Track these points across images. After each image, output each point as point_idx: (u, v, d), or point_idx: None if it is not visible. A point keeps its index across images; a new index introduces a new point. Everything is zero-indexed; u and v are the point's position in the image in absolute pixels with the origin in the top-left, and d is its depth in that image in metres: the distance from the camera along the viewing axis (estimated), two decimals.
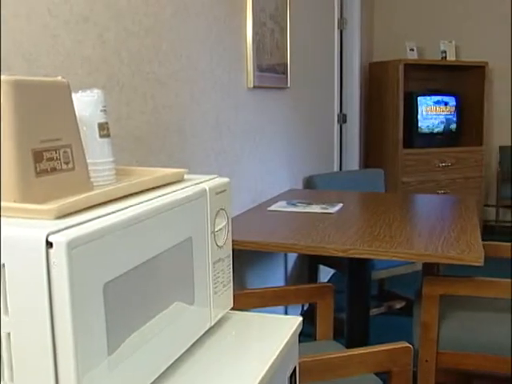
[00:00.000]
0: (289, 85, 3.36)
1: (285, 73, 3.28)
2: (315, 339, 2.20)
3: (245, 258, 2.89)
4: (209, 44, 2.41)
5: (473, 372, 2.79)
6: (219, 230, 1.13)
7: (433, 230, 2.38)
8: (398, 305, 3.94)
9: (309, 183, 3.80)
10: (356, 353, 1.64)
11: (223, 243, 1.15)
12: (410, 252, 2.07)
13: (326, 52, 4.43)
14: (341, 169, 5.20)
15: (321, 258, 3.56)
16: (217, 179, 1.15)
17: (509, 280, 2.26)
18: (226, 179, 1.16)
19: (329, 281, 4.56)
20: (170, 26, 2.10)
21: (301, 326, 1.21)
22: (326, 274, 4.53)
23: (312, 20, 3.96)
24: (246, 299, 2.11)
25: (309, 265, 3.69)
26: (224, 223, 1.15)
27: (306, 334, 2.32)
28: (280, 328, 1.17)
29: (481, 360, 2.33)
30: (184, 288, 1.02)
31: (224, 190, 1.14)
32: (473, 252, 2.05)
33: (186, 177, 1.16)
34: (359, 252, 2.10)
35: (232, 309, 1.26)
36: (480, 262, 2.02)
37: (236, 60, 2.67)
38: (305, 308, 3.88)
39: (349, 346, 2.67)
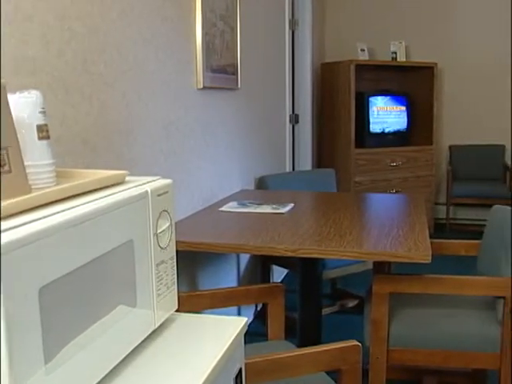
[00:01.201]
0: (239, 85, 3.36)
1: (235, 73, 3.28)
2: (267, 339, 2.20)
3: (197, 259, 2.88)
4: (156, 44, 2.39)
5: (423, 367, 2.83)
6: (162, 231, 1.12)
7: (382, 228, 2.41)
8: (351, 303, 3.98)
9: (261, 183, 3.81)
10: (305, 352, 1.64)
11: (166, 245, 1.14)
12: (358, 251, 2.09)
13: (278, 53, 4.44)
14: (293, 169, 5.22)
15: (273, 258, 3.57)
16: (159, 181, 1.14)
17: (456, 276, 2.30)
18: (168, 181, 1.15)
19: (282, 280, 4.58)
20: (116, 26, 2.08)
21: (246, 327, 1.21)
22: (279, 273, 4.55)
23: (263, 21, 3.97)
24: (196, 300, 2.10)
25: (262, 265, 3.69)
26: (167, 225, 1.14)
27: (260, 333, 2.33)
28: (224, 329, 1.17)
29: (429, 356, 2.37)
30: (126, 291, 1.00)
31: (166, 192, 1.13)
32: (420, 250, 2.08)
33: (127, 178, 1.15)
34: (308, 251, 2.11)
35: (182, 311, 1.25)
36: (427, 260, 2.05)
37: (185, 61, 2.66)
38: (258, 308, 3.89)
39: (301, 345, 2.68)
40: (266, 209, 2.77)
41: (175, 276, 1.20)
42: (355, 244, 2.15)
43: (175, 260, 1.20)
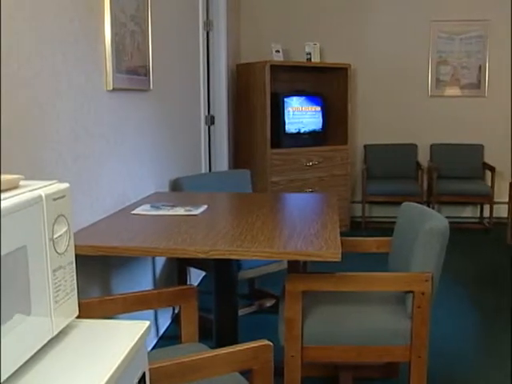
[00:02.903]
0: (152, 87, 3.33)
1: (147, 75, 3.24)
2: (181, 342, 2.19)
3: (111, 264, 2.83)
4: (65, 45, 2.33)
5: (338, 363, 2.88)
6: (59, 236, 1.09)
7: (294, 228, 2.43)
8: (269, 303, 4.00)
9: (175, 185, 3.78)
10: (216, 354, 1.64)
11: (64, 250, 1.12)
12: (269, 251, 2.10)
13: (192, 54, 4.42)
14: (210, 170, 5.21)
15: (189, 261, 3.55)
16: (55, 185, 1.11)
17: (366, 273, 2.35)
18: (65, 185, 1.12)
19: (200, 283, 4.57)
20: (27, 26, 2.02)
21: (149, 331, 1.20)
22: (197, 276, 4.53)
23: (176, 22, 3.95)
24: (108, 306, 2.06)
25: (178, 268, 3.67)
26: (64, 230, 1.11)
27: (177, 336, 2.31)
28: (126, 334, 1.15)
29: (343, 352, 2.41)
30: (19, 299, 0.97)
31: (63, 196, 1.10)
32: (331, 248, 2.11)
33: (22, 183, 1.11)
34: (220, 253, 2.11)
35: (94, 316, 1.23)
36: (337, 258, 2.09)
37: (93, 62, 2.61)
38: (176, 311, 3.86)
39: (217, 346, 2.68)
40: (179, 211, 2.75)
41: (75, 282, 1.17)
42: (267, 244, 2.17)
43: (74, 265, 1.17)
